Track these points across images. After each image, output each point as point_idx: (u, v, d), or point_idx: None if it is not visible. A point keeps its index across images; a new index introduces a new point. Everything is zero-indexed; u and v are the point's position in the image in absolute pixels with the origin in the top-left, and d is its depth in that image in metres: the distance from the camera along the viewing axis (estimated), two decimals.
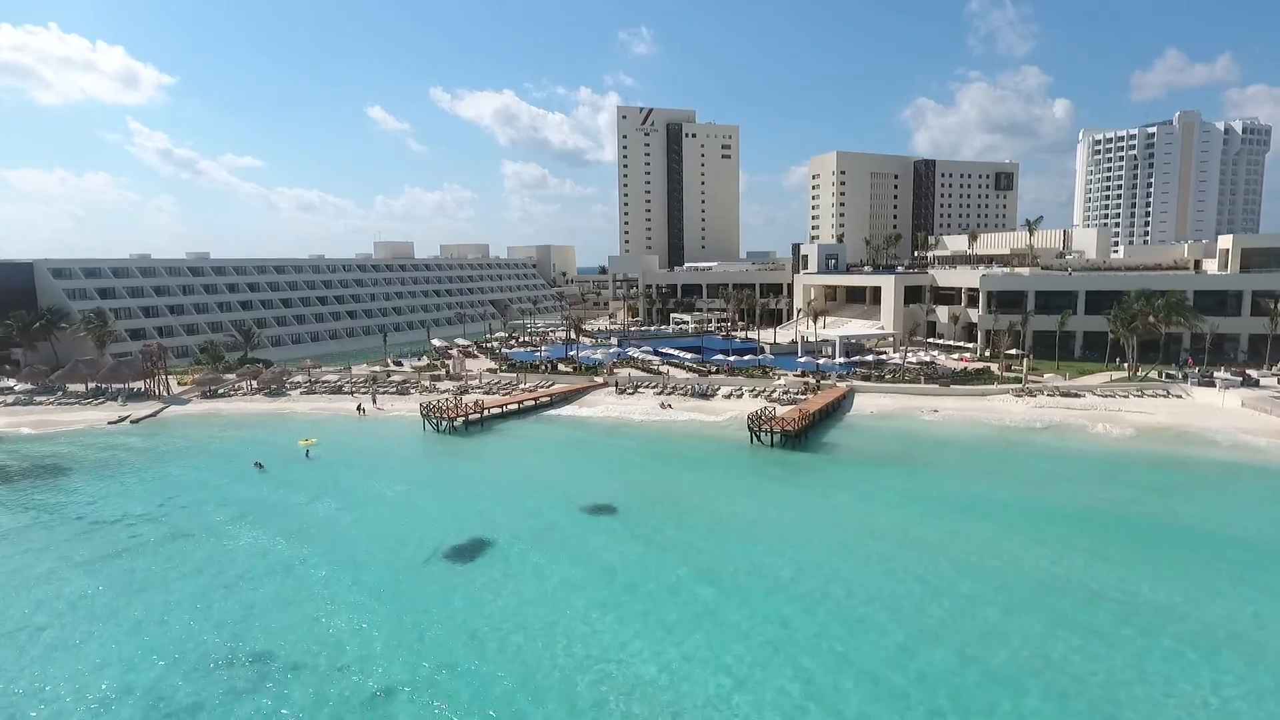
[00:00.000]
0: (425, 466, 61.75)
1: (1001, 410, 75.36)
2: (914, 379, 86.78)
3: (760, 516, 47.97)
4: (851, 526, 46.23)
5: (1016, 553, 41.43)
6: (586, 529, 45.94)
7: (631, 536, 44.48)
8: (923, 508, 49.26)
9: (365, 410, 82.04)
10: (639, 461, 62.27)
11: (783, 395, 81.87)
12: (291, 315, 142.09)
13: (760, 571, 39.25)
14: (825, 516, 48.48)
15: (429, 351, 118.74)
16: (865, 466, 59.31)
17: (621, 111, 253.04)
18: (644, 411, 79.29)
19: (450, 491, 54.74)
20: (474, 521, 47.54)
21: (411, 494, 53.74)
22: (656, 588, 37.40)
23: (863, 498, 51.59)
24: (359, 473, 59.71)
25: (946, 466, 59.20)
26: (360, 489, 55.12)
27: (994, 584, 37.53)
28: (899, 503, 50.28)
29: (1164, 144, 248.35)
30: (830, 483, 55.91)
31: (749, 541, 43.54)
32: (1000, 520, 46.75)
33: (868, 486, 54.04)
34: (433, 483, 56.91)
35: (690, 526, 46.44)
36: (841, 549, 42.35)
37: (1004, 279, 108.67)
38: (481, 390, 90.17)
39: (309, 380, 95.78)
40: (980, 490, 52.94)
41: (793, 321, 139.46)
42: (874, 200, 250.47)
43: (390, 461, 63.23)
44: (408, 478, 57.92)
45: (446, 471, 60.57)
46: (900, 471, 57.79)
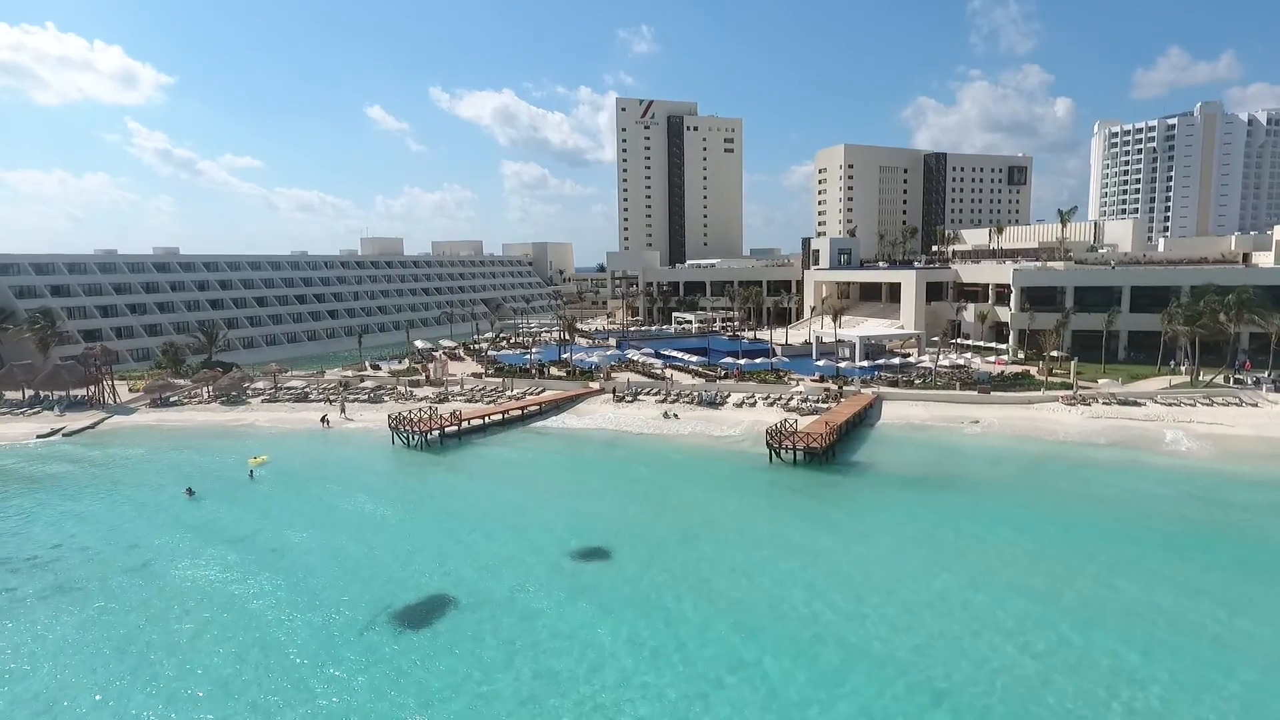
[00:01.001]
0: (385, 494, 52.28)
1: (1053, 421, 65.93)
2: (947, 385, 77.39)
3: (797, 567, 38.39)
4: (920, 575, 36.71)
5: (1153, 602, 32.03)
6: (573, 586, 36.41)
7: (630, 600, 34.86)
8: (997, 544, 39.95)
9: (330, 421, 72.68)
10: (639, 486, 52.76)
11: (801, 404, 72.44)
12: (266, 315, 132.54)
13: (817, 666, 29.15)
14: (882, 564, 38.83)
15: (411, 354, 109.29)
16: (910, 491, 49.81)
17: (621, 104, 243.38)
18: (645, 422, 69.93)
19: (410, 529, 45.27)
20: (433, 573, 38.11)
21: (362, 533, 44.27)
22: (668, 688, 27.70)
23: (923, 534, 42.00)
24: (305, 502, 50.27)
25: (1005, 491, 49.74)
26: (301, 526, 45.67)
27: (1144, 654, 28.09)
28: (967, 539, 40.85)
29: (1184, 136, 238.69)
30: (875, 514, 46.34)
31: (789, 611, 34.00)
32: (1096, 557, 37.41)
33: (921, 518, 44.55)
34: (391, 517, 47.44)
35: (708, 583, 36.88)
36: (920, 607, 32.87)
37: (1039, 273, 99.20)
38: (463, 398, 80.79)
39: (272, 387, 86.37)
40: (1058, 521, 43.43)
41: (804, 321, 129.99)
42: (883, 195, 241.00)
43: (346, 487, 53.74)
44: (361, 510, 48.43)
45: (410, 501, 51.06)
46: (954, 498, 48.32)
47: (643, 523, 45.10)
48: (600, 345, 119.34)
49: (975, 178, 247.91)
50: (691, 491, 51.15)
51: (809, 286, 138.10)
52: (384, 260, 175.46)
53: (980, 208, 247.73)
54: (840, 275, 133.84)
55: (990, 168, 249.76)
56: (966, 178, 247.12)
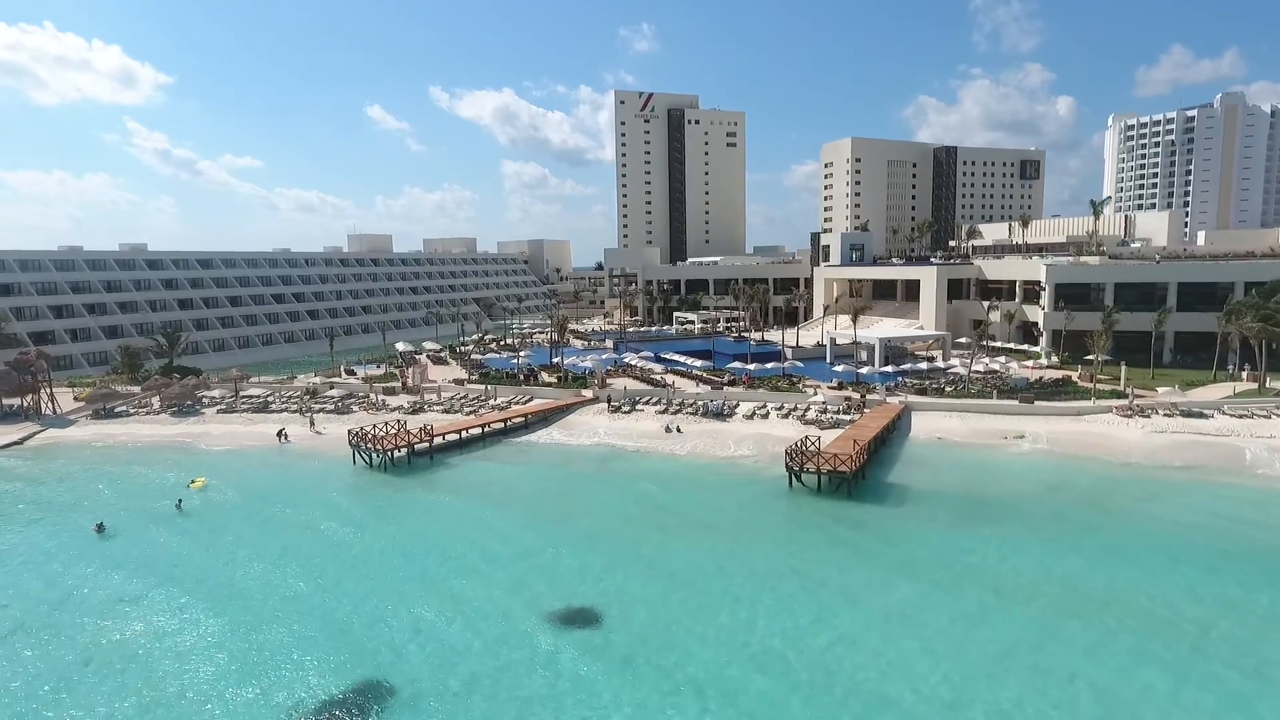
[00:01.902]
0: (330, 533, 43.81)
1: (1110, 436, 57.50)
2: (980, 392, 69.03)
3: (836, 640, 30.08)
4: (1013, 659, 28.34)
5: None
6: (550, 671, 28.03)
7: (626, 695, 26.59)
8: (1086, 595, 31.64)
9: (288, 436, 64.31)
10: (635, 523, 44.26)
11: (821, 415, 64.02)
12: (240, 315, 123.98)
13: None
14: (949, 639, 30.43)
15: (390, 358, 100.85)
16: (962, 528, 41.36)
17: (620, 97, 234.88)
18: (643, 436, 61.56)
19: (352, 581, 36.81)
20: (371, 648, 29.75)
21: (290, 587, 35.90)
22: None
23: (993, 595, 33.54)
24: (233, 541, 41.88)
25: (1073, 525, 41.32)
26: (219, 576, 37.32)
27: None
28: (1051, 601, 32.40)
29: (1204, 127, 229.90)
30: (927, 562, 37.71)
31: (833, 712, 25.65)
32: (1220, 609, 29.03)
33: (983, 569, 36.16)
34: (332, 562, 39.01)
35: (726, 670, 28.50)
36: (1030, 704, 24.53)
37: (1075, 269, 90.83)
38: (441, 407, 72.37)
39: (231, 395, 78.01)
40: (1152, 562, 35.04)
41: (815, 321, 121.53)
42: (891, 190, 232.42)
43: (284, 523, 45.30)
44: (295, 557, 39.94)
45: (359, 539, 42.58)
46: (1014, 535, 39.93)
47: (639, 574, 36.65)
48: (596, 348, 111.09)
49: (986, 172, 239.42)
50: (698, 529, 42.69)
51: (819, 284, 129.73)
52: (370, 258, 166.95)
53: (991, 203, 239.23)
54: (853, 272, 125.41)
55: (1002, 162, 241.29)
56: (977, 172, 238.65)
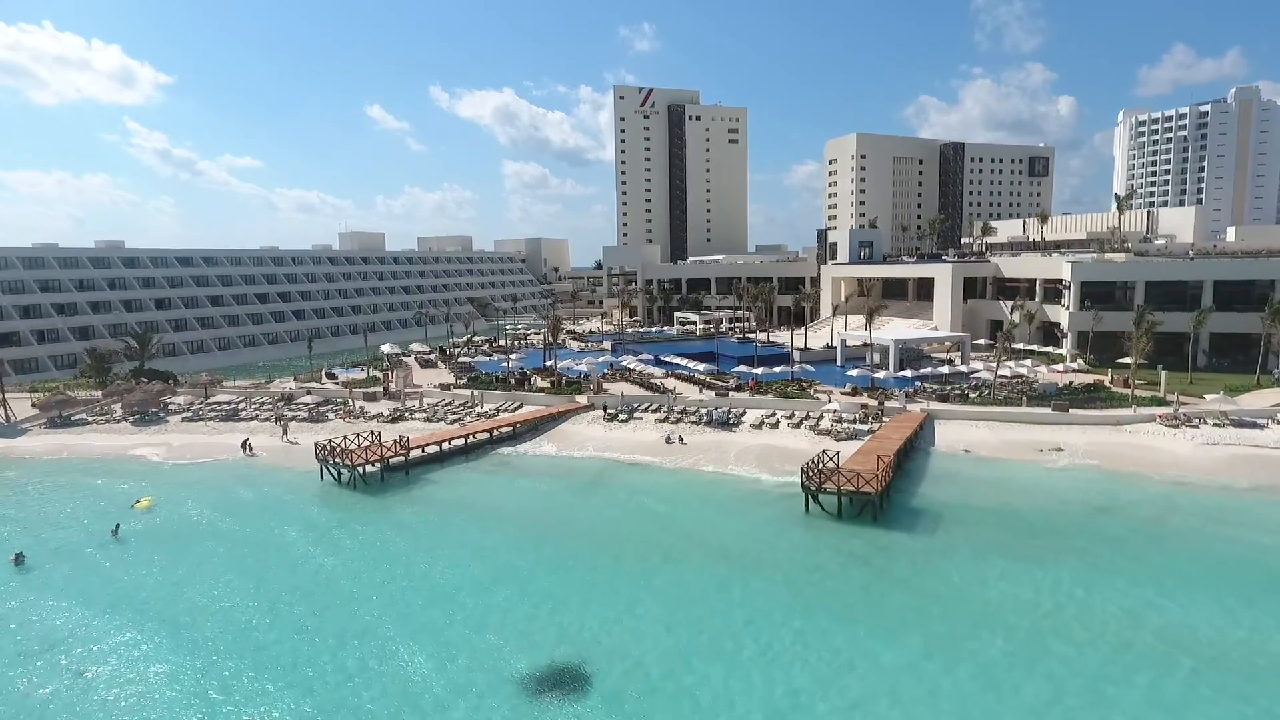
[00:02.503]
0: (280, 567, 38.28)
1: (1158, 450, 52.00)
2: (1009, 399, 63.56)
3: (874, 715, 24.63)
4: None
5: None
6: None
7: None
8: (1175, 642, 26.09)
9: (253, 448, 58.91)
10: (629, 556, 38.69)
11: (836, 425, 58.52)
12: (221, 316, 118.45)
13: None
14: (1005, 702, 24.98)
15: (374, 361, 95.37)
16: (1007, 561, 35.84)
17: (619, 92, 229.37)
18: (642, 448, 56.14)
19: (295, 633, 31.37)
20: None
21: (230, 636, 30.48)
22: None
23: (1057, 641, 28.11)
24: (166, 577, 36.45)
25: (1136, 556, 35.82)
26: (150, 616, 31.92)
27: None
28: (1120, 645, 26.94)
29: (1218, 123, 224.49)
30: (971, 603, 32.29)
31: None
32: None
33: (1039, 609, 30.68)
34: (277, 605, 33.54)
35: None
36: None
37: (1102, 267, 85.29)
38: (423, 415, 66.94)
39: (199, 401, 72.65)
40: (1238, 606, 29.59)
41: (823, 321, 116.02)
42: (897, 187, 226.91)
43: (229, 555, 39.80)
44: (240, 591, 34.56)
45: (310, 579, 36.94)
46: (1072, 569, 34.39)
47: (632, 622, 31.19)
48: (594, 350, 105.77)
49: (994, 169, 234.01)
50: (702, 563, 37.18)
51: (827, 283, 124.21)
52: (361, 256, 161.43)
53: (999, 200, 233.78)
54: (862, 270, 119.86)
55: (1010, 158, 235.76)
56: (985, 169, 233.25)
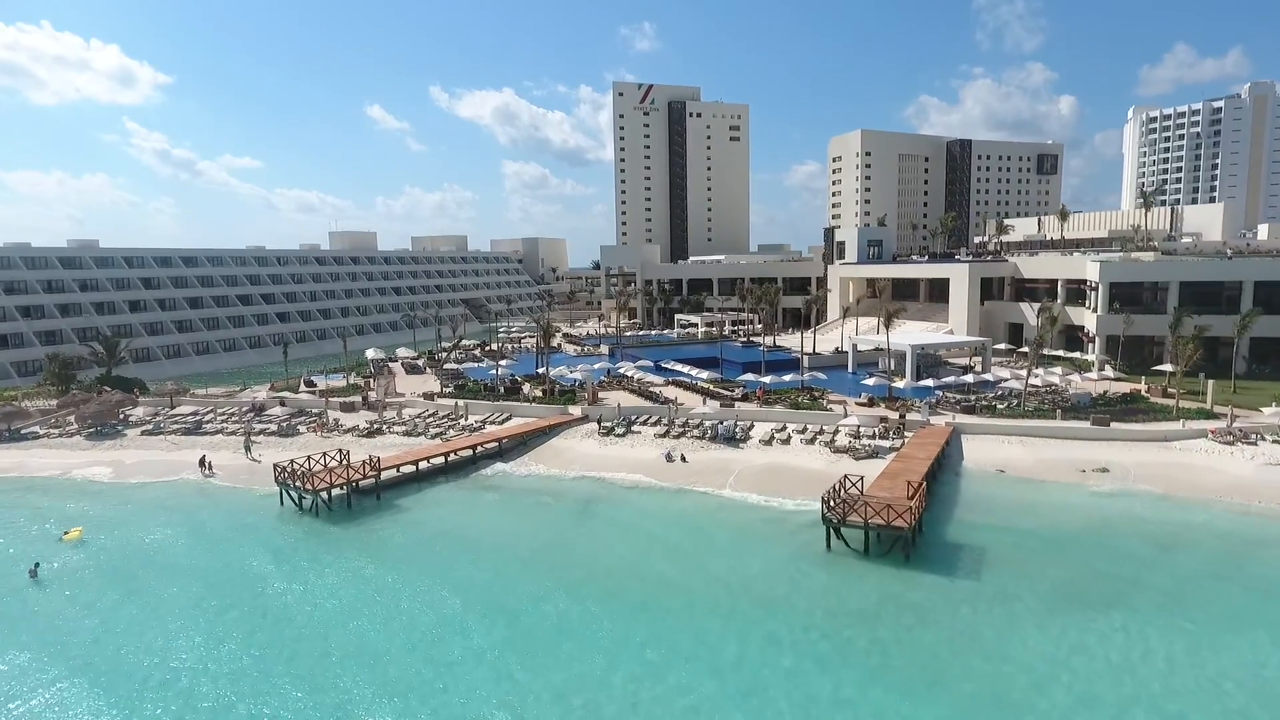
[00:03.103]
0: (220, 609, 32.95)
1: (1216, 471, 46.59)
2: (1040, 410, 58.18)
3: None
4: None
5: None
6: None
7: None
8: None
9: (213, 466, 53.51)
10: (618, 608, 33.29)
11: (854, 441, 53.09)
12: (199, 319, 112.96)
13: None
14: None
15: (357, 366, 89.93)
16: (1069, 612, 30.42)
17: (618, 88, 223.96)
18: (639, 467, 50.78)
19: (230, 696, 25.98)
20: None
21: (153, 707, 25.09)
22: None
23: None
24: (83, 627, 31.04)
25: (1230, 610, 30.44)
26: (64, 676, 26.51)
27: None
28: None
29: (1232, 119, 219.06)
30: (1037, 672, 26.92)
31: None
32: None
33: (1123, 676, 25.28)
34: (208, 663, 28.15)
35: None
36: None
37: (1133, 267, 79.86)
38: (402, 429, 61.51)
39: (160, 412, 67.27)
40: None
41: (832, 324, 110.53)
42: (903, 185, 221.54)
43: (169, 593, 34.44)
44: (167, 648, 29.15)
45: (254, 623, 31.61)
46: (1152, 623, 29.03)
47: (622, 700, 25.76)
48: (590, 354, 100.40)
49: (1002, 166, 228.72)
50: (706, 616, 31.75)
51: (834, 284, 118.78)
52: (350, 256, 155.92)
53: (1007, 198, 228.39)
54: (872, 270, 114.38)
55: (1018, 155, 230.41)
56: (992, 166, 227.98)
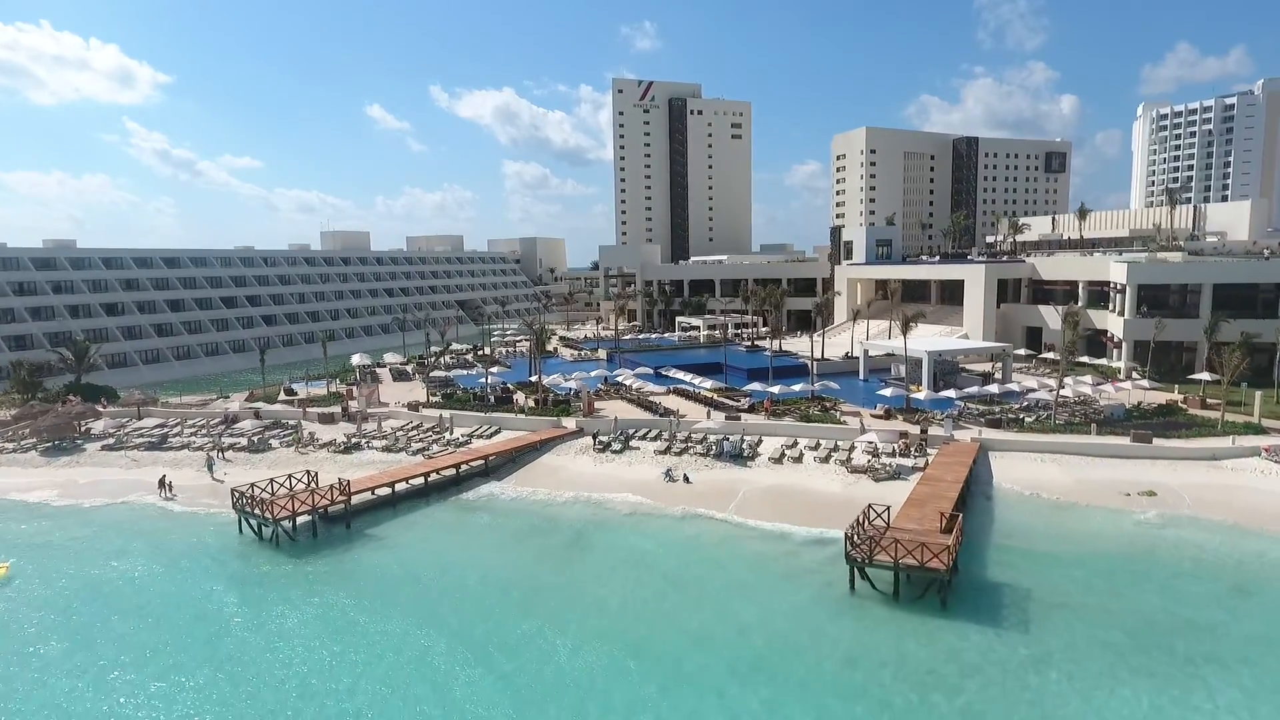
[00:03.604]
0: (151, 664, 28.47)
1: (1275, 494, 42.03)
2: (1072, 424, 53.65)
3: None
4: None
5: None
6: None
7: None
8: None
9: (173, 486, 49.04)
10: (620, 664, 28.86)
11: (872, 460, 48.52)
12: (180, 322, 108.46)
13: None
14: None
15: (348, 372, 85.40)
16: (1140, 676, 25.90)
17: (618, 85, 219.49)
18: (637, 488, 46.29)
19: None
20: None
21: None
22: None
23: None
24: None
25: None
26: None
27: None
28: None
29: (1245, 115, 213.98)
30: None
31: None
32: None
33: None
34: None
35: None
36: None
37: (1163, 268, 75.25)
38: (382, 443, 56.95)
39: (127, 425, 62.79)
40: None
41: (839, 326, 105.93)
42: (908, 183, 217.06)
43: (92, 642, 29.94)
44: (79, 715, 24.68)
45: (184, 695, 27.14)
46: (1233, 689, 24.51)
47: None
48: (588, 359, 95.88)
49: (1009, 164, 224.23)
50: (721, 678, 27.24)
51: (841, 285, 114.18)
52: (341, 257, 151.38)
53: (1015, 197, 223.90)
54: (882, 271, 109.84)
55: (1026, 153, 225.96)
56: (999, 164, 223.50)
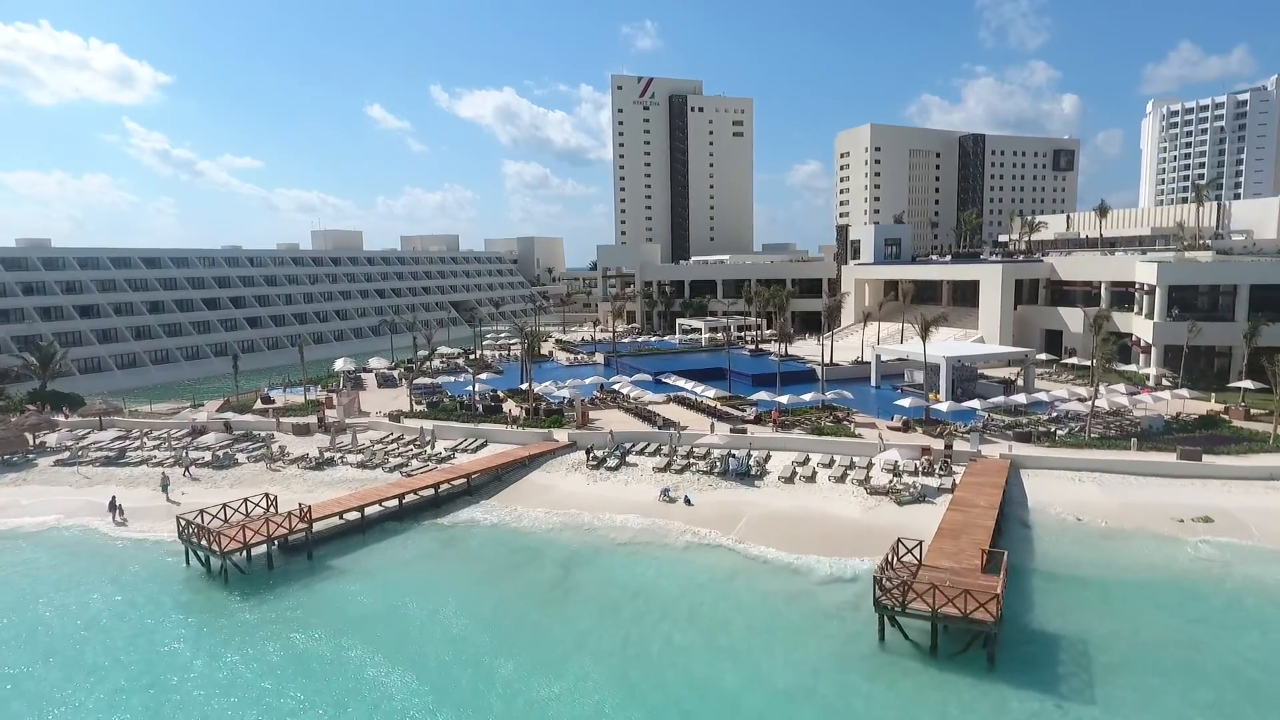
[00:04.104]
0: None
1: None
2: (1107, 438, 49.11)
3: None
4: None
5: None
6: None
7: None
8: None
9: (123, 509, 44.51)
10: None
11: (894, 480, 43.91)
12: (159, 325, 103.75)
13: None
14: None
15: (333, 378, 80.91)
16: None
17: (617, 82, 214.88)
18: (634, 511, 41.77)
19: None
20: None
21: None
22: None
23: None
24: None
25: None
26: None
27: None
28: None
29: (1258, 111, 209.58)
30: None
31: None
32: None
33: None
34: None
35: None
36: None
37: (1196, 268, 70.75)
38: (357, 458, 52.35)
39: (84, 439, 58.24)
40: None
41: (848, 329, 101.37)
42: (914, 181, 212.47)
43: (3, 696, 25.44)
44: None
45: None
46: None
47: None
48: (584, 364, 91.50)
49: (1017, 162, 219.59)
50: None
51: (849, 286, 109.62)
52: (331, 257, 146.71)
53: (1022, 195, 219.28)
54: (892, 271, 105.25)
55: (1034, 151, 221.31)
56: (1007, 162, 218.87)
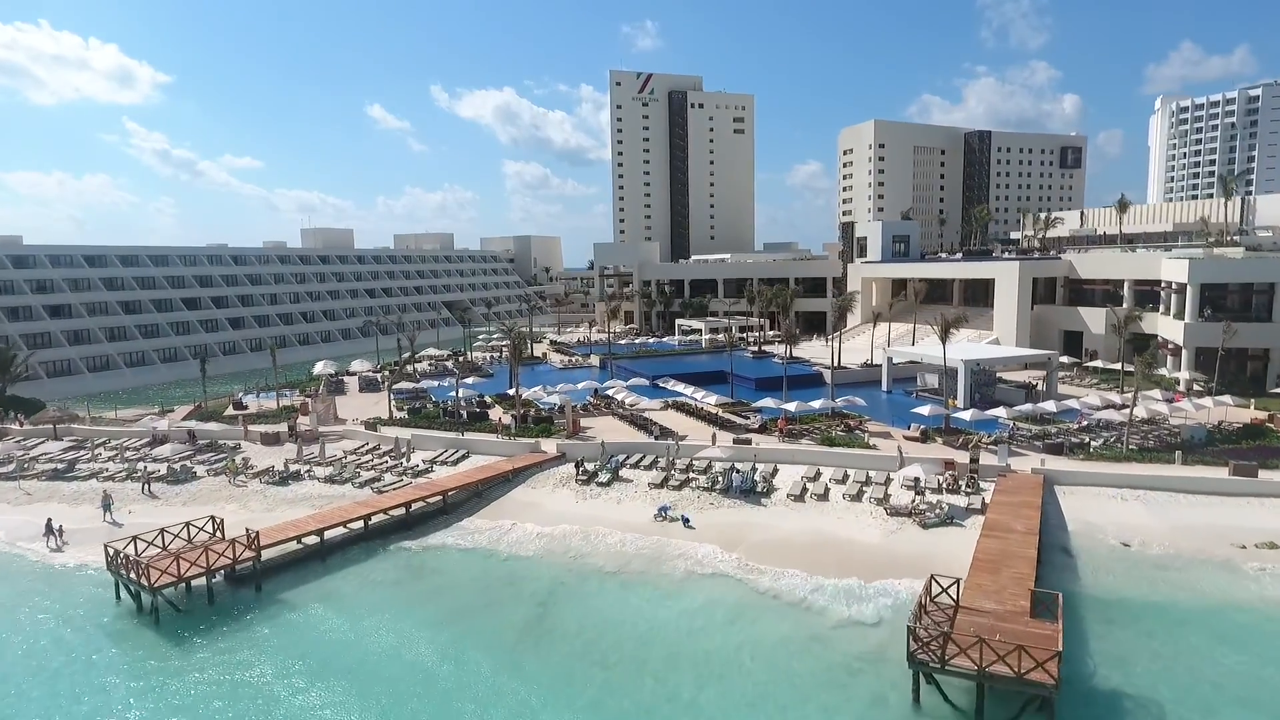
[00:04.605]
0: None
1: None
2: (1147, 449, 44.69)
3: None
4: None
5: None
6: None
7: None
8: None
9: (63, 531, 40.06)
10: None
11: (916, 500, 39.41)
12: (134, 326, 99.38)
13: None
14: None
15: (314, 381, 76.47)
16: None
17: (616, 78, 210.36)
18: (627, 532, 37.33)
19: None
20: None
21: None
22: None
23: None
24: None
25: None
26: None
27: None
28: None
29: (1270, 107, 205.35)
30: None
31: None
32: None
33: None
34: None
35: None
36: None
37: (1229, 266, 66.24)
38: (326, 472, 47.87)
39: (31, 451, 53.79)
40: None
41: (856, 329, 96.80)
42: (918, 178, 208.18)
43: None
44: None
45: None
46: None
47: None
48: (579, 366, 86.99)
49: (1023, 159, 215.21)
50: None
51: (855, 284, 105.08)
52: (320, 255, 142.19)
53: (1028, 193, 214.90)
54: (900, 269, 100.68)
55: (1040, 148, 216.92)
56: (1013, 159, 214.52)
